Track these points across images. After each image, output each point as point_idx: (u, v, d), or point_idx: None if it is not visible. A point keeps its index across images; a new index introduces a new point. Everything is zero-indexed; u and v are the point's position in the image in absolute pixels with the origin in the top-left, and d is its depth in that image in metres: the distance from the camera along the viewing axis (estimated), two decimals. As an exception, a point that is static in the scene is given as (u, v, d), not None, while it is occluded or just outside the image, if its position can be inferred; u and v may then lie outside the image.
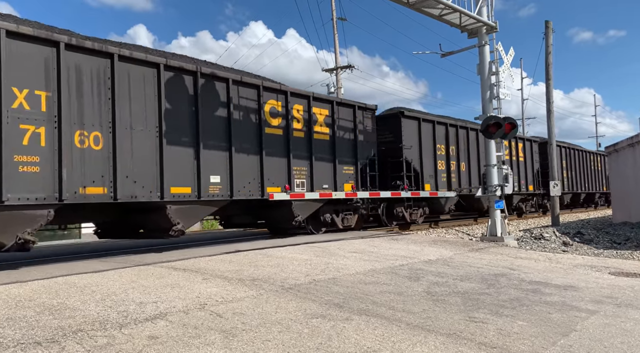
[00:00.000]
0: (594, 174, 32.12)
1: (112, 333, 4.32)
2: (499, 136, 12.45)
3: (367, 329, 4.61)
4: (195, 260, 8.09)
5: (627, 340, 4.53)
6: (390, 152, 16.16)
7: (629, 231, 14.30)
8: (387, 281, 6.87)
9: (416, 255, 9.44)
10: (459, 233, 15.82)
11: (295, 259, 8.29)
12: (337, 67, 34.15)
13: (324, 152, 13.32)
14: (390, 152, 16.17)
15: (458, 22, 12.60)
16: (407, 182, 16.06)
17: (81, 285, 6.15)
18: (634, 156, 16.91)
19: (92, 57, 8.53)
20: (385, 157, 16.12)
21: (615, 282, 7.52)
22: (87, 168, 8.34)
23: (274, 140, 11.87)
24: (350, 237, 11.95)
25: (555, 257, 10.31)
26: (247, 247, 10.04)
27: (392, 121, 16.30)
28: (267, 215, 12.88)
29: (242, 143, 11.08)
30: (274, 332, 4.45)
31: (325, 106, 13.51)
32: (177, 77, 9.85)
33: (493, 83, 12.92)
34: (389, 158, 16.18)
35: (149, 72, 9.35)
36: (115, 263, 8.19)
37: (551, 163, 18.53)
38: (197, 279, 6.59)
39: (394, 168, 16.15)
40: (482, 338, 4.47)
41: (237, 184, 10.83)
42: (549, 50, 18.32)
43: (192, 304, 5.30)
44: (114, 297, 5.55)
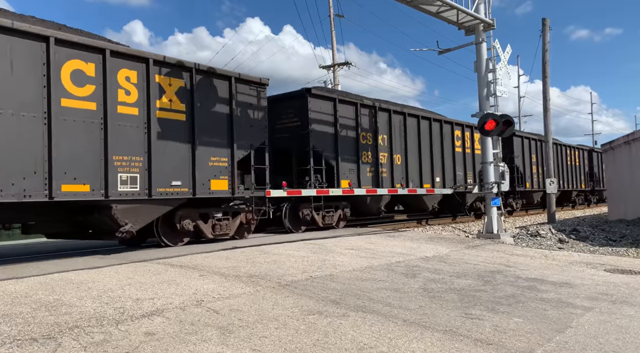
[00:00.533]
0: (572, 169, 28.75)
1: (109, 329, 4.32)
2: (496, 133, 12.46)
3: (364, 326, 4.62)
4: (192, 257, 8.09)
5: (621, 336, 4.56)
6: (295, 140, 13.24)
7: (624, 228, 14.37)
8: (383, 278, 6.89)
9: (413, 252, 9.46)
10: (455, 231, 15.85)
11: (292, 256, 8.30)
12: (334, 64, 34.12)
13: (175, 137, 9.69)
14: (295, 139, 13.24)
15: (455, 19, 12.60)
16: (316, 177, 13.11)
17: (77, 282, 6.14)
18: (630, 153, 16.98)
19: None
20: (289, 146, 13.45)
21: (611, 279, 7.55)
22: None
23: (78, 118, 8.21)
24: (347, 234, 11.96)
25: (551, 254, 10.34)
26: (244, 243, 10.03)
27: (298, 102, 13.30)
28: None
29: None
30: (270, 328, 4.45)
31: (177, 74, 9.76)
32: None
33: (490, 80, 12.93)
34: (294, 147, 13.34)
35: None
36: (112, 259, 8.17)
37: (547, 160, 18.56)
38: (194, 276, 6.58)
39: (300, 160, 13.25)
40: (478, 334, 4.49)
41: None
42: (545, 48, 18.35)
43: (189, 301, 5.30)
44: (111, 294, 5.55)
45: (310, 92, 13.28)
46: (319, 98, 13.45)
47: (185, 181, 9.66)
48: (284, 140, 13.46)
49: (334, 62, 34.13)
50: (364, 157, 14.53)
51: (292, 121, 13.53)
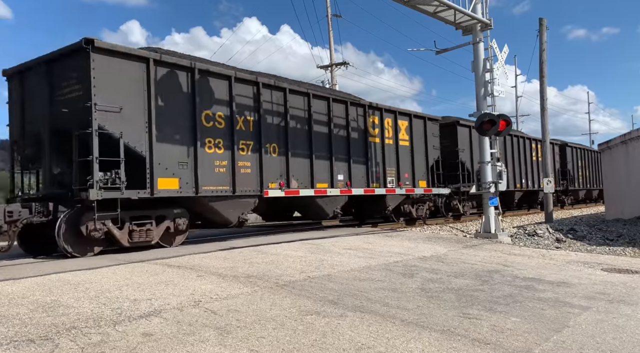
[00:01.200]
0: (538, 166, 25.16)
1: (106, 330, 4.31)
2: (493, 133, 12.49)
3: (362, 326, 4.62)
4: (189, 257, 8.08)
5: (619, 335, 4.57)
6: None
7: (621, 227, 14.41)
8: (381, 278, 6.89)
9: (410, 251, 9.46)
10: (453, 230, 15.90)
11: (290, 256, 8.30)
12: (331, 64, 34.11)
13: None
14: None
15: (453, 19, 12.62)
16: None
17: (75, 282, 6.13)
18: (627, 153, 17.03)
19: None
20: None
21: (608, 278, 7.57)
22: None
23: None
24: (345, 233, 11.97)
25: (549, 253, 10.36)
26: (242, 243, 10.03)
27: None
28: None
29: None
30: (268, 329, 4.45)
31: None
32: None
33: (487, 80, 12.96)
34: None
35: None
36: (109, 260, 8.16)
37: (545, 159, 18.61)
38: (191, 276, 6.58)
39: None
40: (475, 334, 4.49)
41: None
42: (542, 47, 18.39)
43: (186, 301, 5.30)
44: (108, 294, 5.54)
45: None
46: (116, 55, 9.13)
47: None
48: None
49: (332, 62, 34.11)
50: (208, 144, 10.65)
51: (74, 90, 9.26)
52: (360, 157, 14.64)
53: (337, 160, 13.63)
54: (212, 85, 10.65)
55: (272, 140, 11.98)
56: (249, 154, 11.30)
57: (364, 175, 14.71)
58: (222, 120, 10.80)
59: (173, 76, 9.94)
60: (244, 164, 11.19)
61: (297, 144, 12.62)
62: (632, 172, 16.36)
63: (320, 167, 13.11)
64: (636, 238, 13.20)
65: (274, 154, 11.95)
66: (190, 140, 10.10)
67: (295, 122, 12.63)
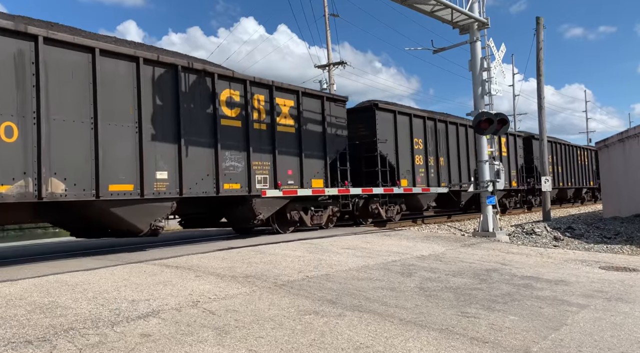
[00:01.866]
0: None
1: (104, 331, 4.30)
2: (491, 132, 12.50)
3: (360, 325, 4.62)
4: (187, 258, 8.07)
5: (616, 333, 4.58)
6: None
7: (618, 226, 14.44)
8: (380, 277, 6.89)
9: (409, 251, 9.47)
10: (451, 229, 15.90)
11: (288, 256, 8.29)
12: (329, 64, 34.07)
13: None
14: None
15: (450, 18, 12.63)
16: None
17: (73, 283, 6.12)
18: (624, 151, 17.06)
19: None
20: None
21: (606, 276, 7.58)
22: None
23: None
24: (343, 233, 11.96)
25: (547, 251, 10.38)
26: (240, 244, 10.02)
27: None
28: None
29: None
30: (267, 329, 4.45)
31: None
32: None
33: (485, 79, 12.96)
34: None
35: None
36: (107, 261, 8.15)
37: (542, 158, 18.63)
38: (189, 277, 6.57)
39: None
40: (474, 333, 4.50)
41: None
42: (540, 46, 18.41)
43: (184, 302, 5.29)
44: (106, 295, 5.52)
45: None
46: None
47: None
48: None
49: (329, 61, 34.06)
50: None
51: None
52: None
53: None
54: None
55: None
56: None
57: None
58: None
59: None
60: None
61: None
62: (630, 170, 16.39)
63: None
64: (633, 236, 13.23)
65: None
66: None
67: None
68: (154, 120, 9.55)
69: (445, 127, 18.37)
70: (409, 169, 16.41)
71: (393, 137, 15.83)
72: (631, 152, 16.30)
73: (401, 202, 16.61)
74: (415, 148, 16.69)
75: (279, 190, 11.85)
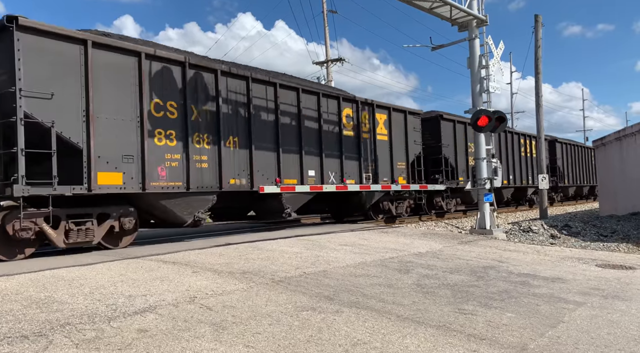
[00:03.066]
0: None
1: (101, 326, 4.29)
2: (489, 129, 12.49)
3: (357, 321, 4.62)
4: (185, 253, 8.06)
5: (613, 330, 4.59)
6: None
7: (615, 224, 14.47)
8: (377, 274, 6.89)
9: (406, 247, 9.47)
10: (448, 226, 15.90)
11: (286, 252, 8.29)
12: (327, 60, 34.00)
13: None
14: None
15: (448, 15, 12.60)
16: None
17: (69, 279, 6.10)
18: (621, 150, 17.09)
19: None
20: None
21: (602, 274, 7.60)
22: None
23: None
24: (340, 230, 11.97)
25: (543, 249, 10.40)
26: (238, 240, 10.02)
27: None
28: None
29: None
30: (264, 325, 4.44)
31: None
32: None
33: (483, 76, 12.95)
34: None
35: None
36: (104, 256, 8.13)
37: (539, 156, 18.65)
38: (186, 272, 6.56)
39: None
40: (471, 330, 4.50)
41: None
42: (538, 44, 18.40)
43: (181, 297, 5.28)
44: (103, 291, 5.51)
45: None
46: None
47: None
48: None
49: (327, 58, 33.98)
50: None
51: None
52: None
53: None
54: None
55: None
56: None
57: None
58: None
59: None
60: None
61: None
62: (626, 169, 16.43)
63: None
64: (630, 234, 13.26)
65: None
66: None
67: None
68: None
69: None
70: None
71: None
72: (628, 151, 16.34)
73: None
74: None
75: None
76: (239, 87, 11.39)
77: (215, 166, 10.60)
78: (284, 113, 12.44)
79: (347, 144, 14.26)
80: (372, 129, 15.36)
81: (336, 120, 14.09)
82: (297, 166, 12.69)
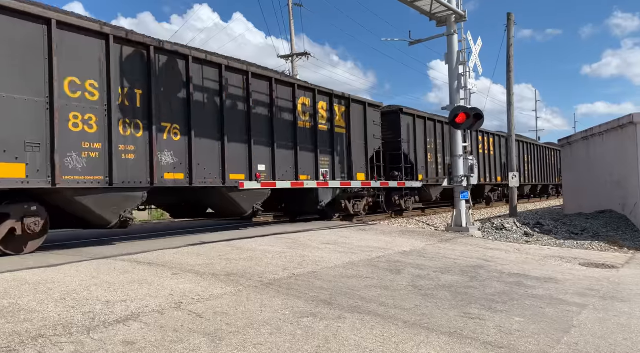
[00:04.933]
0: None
1: (80, 338, 3.78)
2: (466, 127, 12.39)
3: (364, 329, 4.27)
4: (159, 253, 7.51)
5: (629, 336, 4.41)
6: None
7: (584, 222, 14.69)
8: (369, 274, 6.57)
9: (389, 246, 9.20)
10: (419, 223, 15.79)
11: (268, 252, 7.85)
12: (292, 54, 33.44)
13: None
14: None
15: (429, 9, 12.41)
16: None
17: (34, 282, 5.49)
18: (588, 149, 17.42)
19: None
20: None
21: (589, 273, 7.54)
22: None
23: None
24: (318, 227, 11.60)
25: (523, 247, 10.36)
26: (213, 238, 9.50)
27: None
28: None
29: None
30: (264, 334, 4.03)
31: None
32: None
33: (461, 73, 12.83)
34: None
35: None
36: (69, 256, 7.48)
37: (511, 155, 18.83)
38: (166, 274, 6.04)
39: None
40: (485, 336, 4.23)
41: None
42: (510, 42, 18.53)
43: (166, 303, 4.79)
44: (75, 296, 4.95)
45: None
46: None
47: None
48: None
49: (293, 51, 33.44)
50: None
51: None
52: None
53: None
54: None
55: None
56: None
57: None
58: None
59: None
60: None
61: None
62: (593, 168, 16.74)
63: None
64: (599, 232, 13.46)
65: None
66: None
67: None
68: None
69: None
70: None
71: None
72: (595, 150, 16.64)
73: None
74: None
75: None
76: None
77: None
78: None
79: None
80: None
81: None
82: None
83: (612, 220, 14.71)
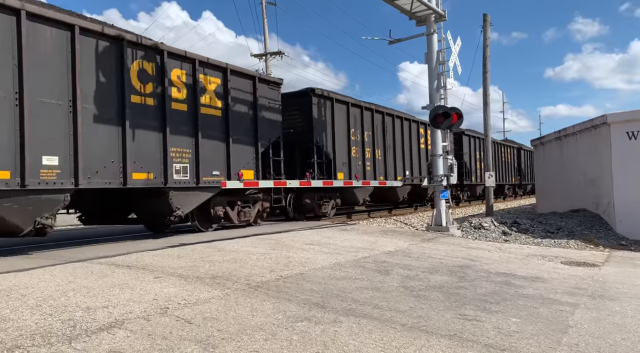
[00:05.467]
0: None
1: (61, 348, 3.51)
2: (447, 126, 12.40)
3: (362, 333, 4.11)
4: (138, 256, 7.20)
5: (626, 336, 4.37)
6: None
7: (559, 221, 14.91)
8: (357, 276, 6.42)
9: (373, 246, 9.08)
10: (397, 223, 15.77)
11: (252, 253, 7.63)
12: (266, 53, 33.10)
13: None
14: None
15: (409, 8, 12.35)
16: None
17: (6, 288, 5.15)
18: (561, 149, 17.71)
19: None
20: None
21: (573, 272, 7.57)
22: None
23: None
24: (299, 227, 11.41)
25: (503, 246, 10.39)
26: (192, 239, 9.20)
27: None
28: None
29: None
30: (259, 340, 3.83)
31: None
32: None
33: (440, 73, 12.84)
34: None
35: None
36: (42, 259, 7.11)
37: (486, 154, 19.00)
38: (147, 278, 5.77)
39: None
40: (485, 339, 4.12)
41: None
42: (486, 43, 18.70)
43: (151, 308, 4.54)
44: (52, 302, 4.65)
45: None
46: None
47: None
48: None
49: (266, 50, 33.08)
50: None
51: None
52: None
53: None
54: None
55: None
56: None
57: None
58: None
59: None
60: None
61: None
62: (567, 168, 17.02)
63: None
64: (574, 230, 13.68)
65: None
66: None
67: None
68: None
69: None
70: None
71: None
72: (568, 150, 16.93)
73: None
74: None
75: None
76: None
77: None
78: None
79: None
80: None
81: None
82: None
83: (586, 219, 14.98)
